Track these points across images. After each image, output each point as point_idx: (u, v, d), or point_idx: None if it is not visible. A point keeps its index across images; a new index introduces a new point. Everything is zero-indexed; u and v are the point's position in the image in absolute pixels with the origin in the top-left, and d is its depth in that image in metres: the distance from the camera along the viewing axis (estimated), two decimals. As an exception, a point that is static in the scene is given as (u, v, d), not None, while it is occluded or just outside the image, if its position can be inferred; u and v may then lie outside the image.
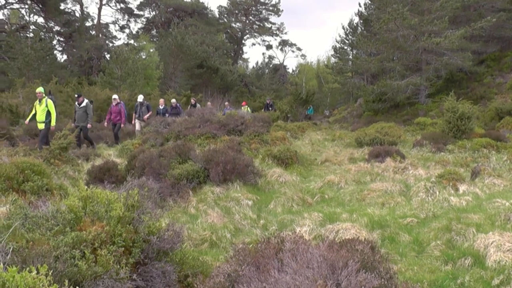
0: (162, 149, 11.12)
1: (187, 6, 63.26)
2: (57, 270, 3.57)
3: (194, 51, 45.97)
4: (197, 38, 50.23)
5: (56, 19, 48.37)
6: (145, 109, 19.41)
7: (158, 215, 4.89)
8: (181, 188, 9.16)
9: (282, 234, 4.87)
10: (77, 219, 4.33)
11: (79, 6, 56.39)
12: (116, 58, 35.89)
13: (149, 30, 63.88)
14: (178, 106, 22.07)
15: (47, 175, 8.35)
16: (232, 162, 10.03)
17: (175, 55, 44.33)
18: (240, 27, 73.39)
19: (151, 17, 65.94)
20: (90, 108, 15.91)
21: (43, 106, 13.95)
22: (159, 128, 15.90)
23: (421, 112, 26.36)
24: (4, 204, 6.87)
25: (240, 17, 72.91)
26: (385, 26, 25.85)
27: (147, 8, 65.26)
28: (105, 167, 10.33)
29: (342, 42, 48.41)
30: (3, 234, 4.36)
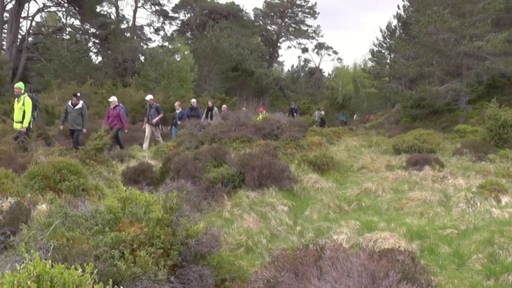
0: (197, 152, 11.21)
1: (222, 9, 63.67)
2: (98, 269, 3.64)
3: (229, 54, 46.20)
4: (232, 40, 50.48)
5: (92, 22, 49.32)
6: (154, 111, 17.98)
7: (197, 218, 4.95)
8: (216, 191, 9.21)
9: (321, 242, 4.87)
10: (116, 219, 4.42)
11: (115, 9, 57.50)
12: (151, 60, 36.37)
13: (184, 33, 64.45)
14: (198, 108, 21.06)
15: (84, 175, 8.53)
16: (268, 166, 10.04)
17: (209, 57, 44.62)
18: (276, 30, 73.53)
19: (186, 19, 66.59)
20: (86, 110, 15.22)
21: (20, 104, 13.04)
22: (194, 130, 15.99)
23: (461, 119, 25.80)
24: (42, 203, 7.02)
25: (276, 19, 73.04)
26: (425, 29, 25.37)
27: (182, 10, 65.91)
28: (140, 168, 10.48)
29: (379, 46, 47.92)
30: (44, 231, 4.48)
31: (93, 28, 50.91)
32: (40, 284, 2.68)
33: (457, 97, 27.28)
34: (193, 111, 20.50)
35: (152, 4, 62.94)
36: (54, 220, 4.62)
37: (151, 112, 17.91)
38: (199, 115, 20.39)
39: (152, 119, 17.78)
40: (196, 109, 20.68)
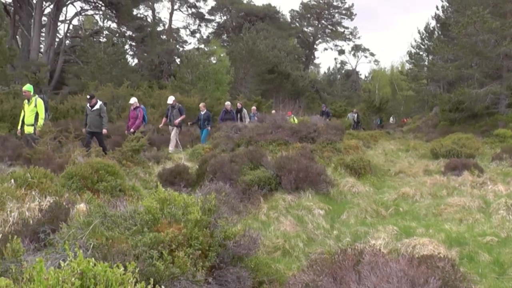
0: (234, 154, 11.27)
1: (259, 11, 63.82)
2: (137, 269, 3.71)
3: (265, 56, 46.32)
4: (268, 42, 50.58)
5: (128, 24, 50.16)
6: (176, 112, 17.60)
7: (235, 221, 4.98)
8: (252, 194, 9.24)
9: (360, 246, 4.85)
10: (154, 220, 4.49)
11: (151, 12, 58.34)
12: (187, 62, 36.72)
13: (220, 35, 64.84)
14: (232, 111, 20.81)
15: (121, 176, 8.66)
16: (305, 170, 10.03)
17: (246, 60, 44.81)
18: (312, 32, 73.39)
19: (222, 21, 66.94)
20: (105, 111, 14.76)
21: (32, 106, 12.68)
22: (230, 133, 16.08)
23: (501, 123, 25.17)
24: (79, 202, 7.16)
25: (312, 21, 72.89)
26: (464, 30, 24.83)
27: (218, 13, 66.31)
28: (176, 170, 10.59)
29: (417, 47, 47.27)
30: (84, 230, 4.58)
31: (130, 31, 51.76)
32: (83, 282, 2.74)
33: (496, 100, 26.64)
34: (228, 114, 20.42)
35: (188, 6, 63.52)
36: (93, 220, 4.72)
37: (174, 113, 17.64)
38: (233, 118, 20.28)
39: (174, 120, 17.48)
40: (230, 112, 20.53)
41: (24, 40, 44.88)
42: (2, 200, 6.69)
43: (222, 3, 63.36)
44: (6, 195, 6.80)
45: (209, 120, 19.14)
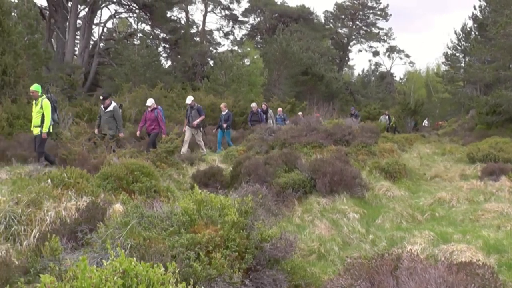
0: (268, 156, 11.30)
1: (293, 12, 63.78)
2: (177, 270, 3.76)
3: (299, 58, 46.27)
4: (302, 44, 50.49)
5: (162, 27, 50.84)
6: (195, 113, 16.72)
7: (271, 223, 5.01)
8: (286, 197, 9.26)
9: (398, 251, 4.82)
10: (191, 221, 4.56)
11: (185, 14, 58.89)
12: (221, 64, 36.97)
13: (253, 37, 65.01)
14: (260, 112, 20.45)
15: (156, 177, 8.80)
16: (340, 173, 10.00)
17: (279, 61, 44.85)
18: (346, 33, 72.95)
19: (255, 23, 67.09)
20: (119, 113, 14.27)
21: (38, 107, 12.06)
22: (264, 135, 16.11)
23: (540, 127, 24.67)
24: (115, 202, 7.29)
25: (347, 22, 72.47)
26: (502, 30, 24.24)
27: (251, 14, 66.48)
28: (210, 172, 10.68)
29: (453, 48, 46.45)
30: (121, 230, 4.67)
31: (164, 33, 52.48)
32: (125, 281, 2.81)
33: (536, 103, 26.04)
34: (254, 116, 20.32)
35: (221, 8, 63.91)
36: (130, 220, 4.82)
37: (192, 113, 16.80)
38: (261, 119, 20.07)
39: (192, 121, 16.62)
40: (257, 114, 20.31)
41: (59, 43, 45.85)
42: (39, 200, 6.86)
43: (255, 5, 63.52)
44: (43, 195, 6.97)
45: (229, 121, 18.47)
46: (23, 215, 6.52)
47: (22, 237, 6.28)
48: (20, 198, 6.91)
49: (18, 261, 5.14)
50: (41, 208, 6.78)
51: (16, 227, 6.30)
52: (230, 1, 63.37)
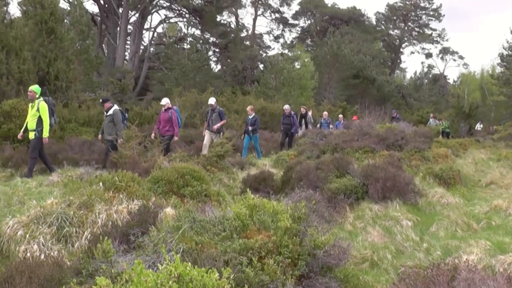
0: (319, 161, 11.26)
1: (343, 14, 63.44)
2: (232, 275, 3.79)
3: (350, 61, 46.02)
4: (353, 46, 50.18)
5: (212, 31, 51.47)
6: (216, 116, 16.01)
7: (325, 230, 5.00)
8: (338, 203, 9.20)
9: (454, 261, 4.73)
10: (243, 226, 4.59)
11: (235, 18, 59.35)
12: (271, 68, 37.09)
13: (304, 40, 64.93)
14: (292, 115, 19.22)
15: (206, 181, 8.88)
16: (392, 179, 9.87)
17: (330, 64, 44.71)
18: (398, 34, 71.92)
19: (306, 26, 67.04)
20: (119, 117, 13.46)
21: (34, 110, 11.53)
22: (315, 139, 16.05)
23: None
24: (165, 206, 7.39)
25: (399, 23, 71.43)
26: None
27: (302, 17, 66.45)
28: (261, 176, 10.71)
29: (509, 49, 45.02)
30: (173, 234, 4.74)
31: (213, 37, 53.08)
32: (180, 285, 2.85)
33: None
34: (286, 119, 19.23)
35: (272, 12, 64.12)
36: (182, 224, 4.88)
37: (213, 117, 16.08)
38: (293, 123, 19.02)
39: (213, 124, 15.93)
40: (289, 117, 19.15)
41: (110, 48, 47.03)
42: (91, 202, 7.04)
43: (306, 7, 63.49)
44: (94, 197, 7.15)
45: (255, 124, 17.57)
46: (75, 217, 6.70)
47: (73, 239, 6.45)
48: (72, 200, 7.10)
49: (70, 262, 5.26)
50: (92, 210, 6.95)
51: (68, 229, 6.48)
52: (280, 4, 63.56)
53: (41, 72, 21.44)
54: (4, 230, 6.57)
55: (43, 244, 6.21)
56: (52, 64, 21.62)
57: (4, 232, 6.54)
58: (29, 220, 6.65)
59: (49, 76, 21.54)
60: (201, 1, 48.91)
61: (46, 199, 7.74)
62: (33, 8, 22.46)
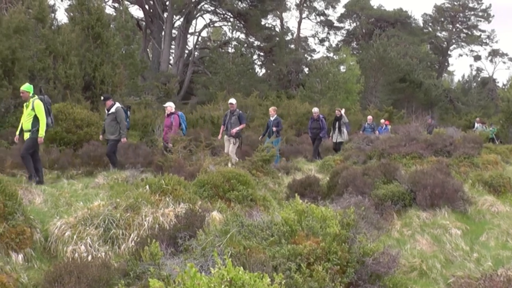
0: (366, 167, 11.20)
1: (390, 16, 62.76)
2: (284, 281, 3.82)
3: (396, 64, 45.48)
4: (399, 49, 49.57)
5: (257, 35, 51.72)
6: (235, 120, 14.74)
7: (374, 237, 4.98)
8: (385, 209, 9.13)
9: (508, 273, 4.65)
10: (292, 232, 4.62)
11: (279, 21, 59.36)
12: (317, 71, 37.03)
13: (349, 43, 64.54)
14: (321, 118, 17.95)
15: (252, 186, 8.94)
16: (441, 185, 9.73)
17: (376, 68, 44.29)
18: (446, 36, 70.56)
19: (351, 29, 66.59)
20: (122, 115, 12.70)
21: (29, 109, 10.85)
22: (362, 144, 15.95)
23: None
24: (211, 210, 7.48)
25: (446, 25, 70.10)
26: None
27: (347, 19, 66.04)
28: (307, 182, 10.70)
29: None
30: (221, 238, 4.80)
31: (258, 41, 53.35)
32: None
33: None
34: (315, 123, 18.00)
35: (317, 14, 63.93)
36: (230, 228, 4.94)
37: (232, 120, 14.79)
38: (321, 127, 17.77)
39: (231, 128, 14.70)
40: (318, 120, 17.89)
41: (154, 52, 47.82)
42: (137, 205, 7.17)
43: (351, 10, 63.07)
44: (141, 200, 7.28)
45: (278, 127, 16.44)
46: (121, 219, 6.83)
47: (120, 241, 6.58)
48: (118, 203, 7.25)
49: (116, 263, 5.37)
50: (139, 213, 7.08)
51: (115, 231, 6.62)
52: (326, 7, 63.32)
53: (87, 76, 21.97)
54: (52, 231, 6.75)
55: (90, 245, 6.35)
56: (98, 68, 22.13)
57: (52, 233, 6.73)
58: (76, 221, 6.82)
59: (95, 80, 22.06)
60: (245, 5, 49.29)
61: (92, 201, 7.94)
62: (80, 14, 23.06)
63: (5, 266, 5.48)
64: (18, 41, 18.72)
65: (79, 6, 23.26)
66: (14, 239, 6.08)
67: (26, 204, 7.47)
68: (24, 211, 6.70)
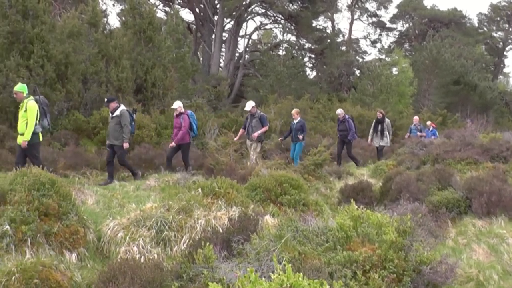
0: (420, 172, 11.07)
1: (443, 16, 61.49)
2: (332, 287, 3.85)
3: (450, 66, 44.54)
4: (453, 51, 48.50)
5: (308, 37, 51.54)
6: (257, 122, 13.84)
7: (431, 245, 4.95)
8: (439, 216, 9.00)
9: None
10: (347, 238, 4.64)
11: (331, 23, 59.00)
12: (369, 74, 36.70)
13: (401, 44, 63.59)
14: (347, 119, 16.73)
15: (304, 190, 8.99)
16: (497, 193, 9.51)
17: (429, 70, 43.49)
18: (502, 37, 68.55)
19: (404, 30, 65.64)
20: (126, 119, 11.59)
21: (23, 111, 10.10)
22: (415, 149, 15.71)
23: None
24: (264, 214, 7.53)
25: (502, 24, 68.01)
26: None
27: (400, 20, 65.09)
28: (359, 187, 10.66)
29: None
30: (276, 243, 4.86)
31: (309, 43, 53.13)
32: (292, 296, 2.94)
33: None
34: (341, 125, 16.80)
35: (368, 15, 63.20)
36: (285, 233, 4.99)
37: (253, 123, 13.90)
38: (348, 128, 16.46)
39: (253, 132, 13.84)
40: (344, 122, 16.63)
41: (205, 55, 48.35)
42: (190, 207, 7.31)
43: (404, 10, 62.11)
44: (193, 203, 7.42)
45: (303, 131, 15.43)
46: (173, 221, 6.99)
47: (172, 243, 6.73)
48: (171, 205, 7.41)
49: (169, 265, 5.47)
50: (191, 215, 7.21)
51: (167, 233, 6.77)
52: (378, 8, 62.51)
53: (139, 79, 22.42)
54: (105, 231, 6.97)
55: (143, 246, 6.53)
56: (149, 72, 22.57)
57: (105, 233, 6.95)
58: (129, 222, 7.01)
59: (147, 83, 22.49)
60: (296, 7, 49.17)
61: (144, 202, 8.12)
62: (132, 18, 23.58)
63: (59, 264, 5.63)
64: (72, 45, 19.28)
65: (131, 10, 23.82)
66: (68, 239, 6.32)
67: (79, 205, 7.70)
68: (77, 212, 6.93)
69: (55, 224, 6.30)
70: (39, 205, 6.26)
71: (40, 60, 17.39)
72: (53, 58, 17.96)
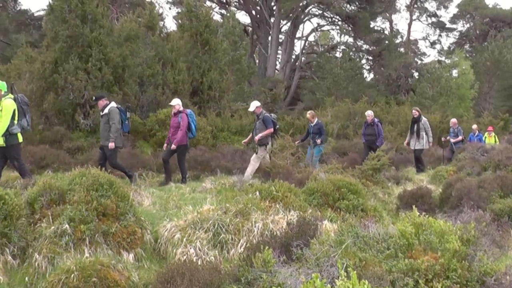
0: (481, 179, 10.82)
1: (506, 15, 59.49)
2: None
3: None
4: (516, 52, 47.16)
5: (365, 38, 51.03)
6: (260, 124, 12.51)
7: (496, 255, 4.86)
8: (501, 225, 8.79)
9: None
10: (408, 245, 4.61)
11: (389, 24, 58.25)
12: (428, 76, 36.04)
13: (462, 45, 62.06)
14: (376, 123, 15.80)
15: (363, 195, 8.92)
16: None
17: (490, 72, 42.34)
18: None
19: (464, 30, 64.09)
20: (115, 117, 10.88)
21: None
22: (476, 155, 15.35)
23: None
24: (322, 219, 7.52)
25: None
26: None
27: (460, 20, 63.56)
28: (418, 193, 10.49)
29: None
30: (336, 248, 4.87)
31: (367, 44, 52.59)
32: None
33: None
34: (369, 128, 15.90)
35: (428, 16, 62.00)
36: (345, 239, 5.00)
37: (257, 125, 12.73)
38: (377, 133, 15.61)
39: (256, 135, 12.55)
40: (372, 125, 15.76)
41: (261, 58, 48.60)
42: (247, 211, 7.37)
43: (465, 10, 60.53)
44: (251, 206, 7.48)
45: (321, 134, 14.89)
46: (231, 224, 7.05)
47: (229, 246, 6.79)
48: (228, 208, 7.49)
49: (226, 268, 5.56)
50: (248, 219, 7.26)
51: (224, 236, 6.84)
52: (437, 7, 61.21)
53: (195, 82, 22.79)
54: (162, 233, 7.11)
55: (200, 248, 6.60)
56: (205, 74, 22.92)
57: (162, 234, 7.09)
58: (186, 224, 7.12)
59: (203, 86, 22.85)
60: (354, 8, 48.82)
61: (201, 205, 8.23)
62: (188, 21, 23.97)
63: (117, 264, 5.79)
64: (129, 48, 19.79)
65: (187, 13, 24.24)
66: (125, 239, 6.49)
67: (136, 206, 7.88)
68: (135, 212, 7.10)
69: (113, 224, 6.47)
70: (97, 205, 6.46)
71: (98, 63, 17.95)
72: (110, 61, 18.51)
